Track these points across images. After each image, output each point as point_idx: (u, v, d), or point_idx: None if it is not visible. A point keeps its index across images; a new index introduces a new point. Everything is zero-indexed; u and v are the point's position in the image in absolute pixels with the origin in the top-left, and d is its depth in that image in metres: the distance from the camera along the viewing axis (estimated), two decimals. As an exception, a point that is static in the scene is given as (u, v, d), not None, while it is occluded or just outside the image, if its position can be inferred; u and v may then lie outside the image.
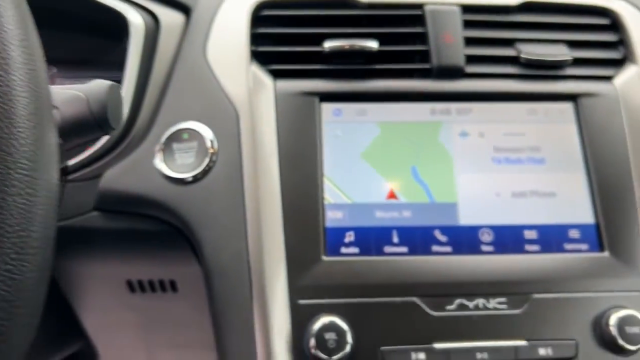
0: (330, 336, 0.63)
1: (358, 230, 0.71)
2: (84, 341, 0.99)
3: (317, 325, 0.63)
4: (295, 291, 0.66)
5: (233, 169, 0.69)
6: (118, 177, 0.71)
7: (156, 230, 0.73)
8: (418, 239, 0.71)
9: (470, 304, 0.67)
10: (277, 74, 0.76)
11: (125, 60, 0.73)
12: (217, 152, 0.70)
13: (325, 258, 0.68)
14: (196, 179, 0.69)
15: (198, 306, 0.80)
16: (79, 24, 0.84)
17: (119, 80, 0.72)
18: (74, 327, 0.95)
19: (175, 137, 0.71)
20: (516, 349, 0.66)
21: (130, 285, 0.82)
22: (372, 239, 0.71)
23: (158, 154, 0.71)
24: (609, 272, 0.70)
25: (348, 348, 0.63)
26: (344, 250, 0.70)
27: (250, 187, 0.69)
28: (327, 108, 0.75)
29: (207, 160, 0.69)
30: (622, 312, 0.67)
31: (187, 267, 0.75)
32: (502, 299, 0.68)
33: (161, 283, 0.81)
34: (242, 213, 0.68)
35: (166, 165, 0.70)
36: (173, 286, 0.82)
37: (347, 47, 0.76)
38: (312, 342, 0.63)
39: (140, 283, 0.82)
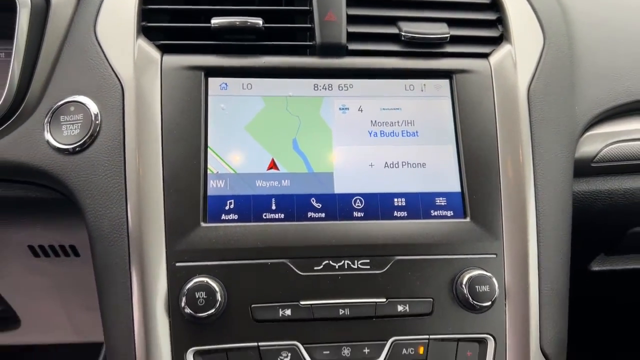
0: (200, 295, 0.68)
1: (238, 199, 0.76)
2: (2, 305, 1.04)
3: (189, 285, 0.69)
4: (173, 255, 0.71)
5: (115, 140, 0.73)
6: (8, 147, 0.74)
7: (50, 198, 0.77)
8: (295, 206, 0.76)
9: (337, 265, 0.73)
10: (165, 49, 0.79)
11: (14, 35, 0.75)
12: (101, 124, 0.74)
13: (203, 224, 0.73)
14: (80, 149, 0.73)
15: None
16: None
17: (8, 52, 0.75)
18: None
19: (63, 110, 0.75)
20: (376, 305, 0.72)
21: (32, 250, 0.86)
22: (251, 207, 0.76)
23: (46, 125, 0.75)
24: (468, 236, 0.76)
25: (218, 305, 0.68)
26: (224, 217, 0.75)
27: (131, 157, 0.73)
28: (214, 82, 0.79)
29: (90, 132, 0.73)
30: (475, 272, 0.73)
31: (85, 232, 0.79)
32: (366, 260, 0.73)
33: (62, 248, 0.86)
34: (123, 182, 0.72)
35: (53, 137, 0.74)
36: (74, 251, 0.86)
37: (232, 23, 0.79)
38: (184, 300, 0.68)
39: (42, 248, 0.86)
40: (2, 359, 1.39)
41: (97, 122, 0.74)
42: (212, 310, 0.68)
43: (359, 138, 0.80)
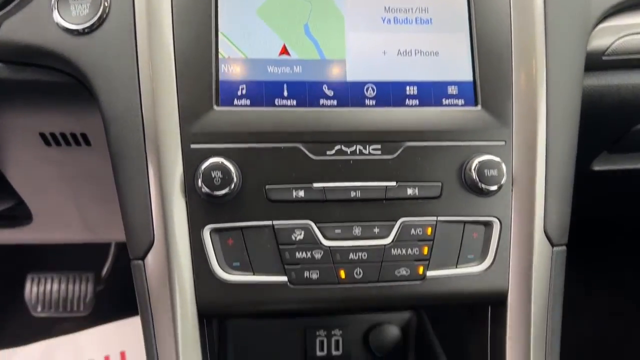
0: (216, 174, 0.70)
1: (250, 84, 0.76)
2: (14, 199, 1.05)
3: (205, 165, 0.70)
4: (187, 137, 0.72)
5: (126, 21, 0.72)
6: (16, 28, 0.73)
7: (61, 82, 0.77)
8: (307, 93, 0.76)
9: (348, 150, 0.74)
10: None
11: None
12: (110, 6, 0.72)
13: (217, 108, 0.73)
14: (90, 29, 0.72)
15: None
16: None
17: None
18: (3, 185, 1.00)
19: (70, -12, 0.73)
20: (386, 188, 0.74)
21: (44, 138, 0.86)
22: (263, 92, 0.76)
23: (54, 6, 0.73)
24: (478, 124, 0.77)
25: (233, 185, 0.70)
26: (236, 101, 0.75)
27: (142, 39, 0.72)
28: (224, -35, 0.77)
29: (100, 12, 0.72)
30: (484, 157, 0.75)
31: (96, 120, 0.80)
32: (378, 146, 0.75)
33: (73, 136, 0.86)
34: (135, 64, 0.71)
35: (62, 17, 0.72)
36: (85, 139, 0.87)
37: None
38: (200, 179, 0.70)
39: (53, 136, 0.86)
40: (14, 257, 1.43)
41: (107, 3, 0.72)
42: (228, 190, 0.70)
43: (372, 24, 0.79)
